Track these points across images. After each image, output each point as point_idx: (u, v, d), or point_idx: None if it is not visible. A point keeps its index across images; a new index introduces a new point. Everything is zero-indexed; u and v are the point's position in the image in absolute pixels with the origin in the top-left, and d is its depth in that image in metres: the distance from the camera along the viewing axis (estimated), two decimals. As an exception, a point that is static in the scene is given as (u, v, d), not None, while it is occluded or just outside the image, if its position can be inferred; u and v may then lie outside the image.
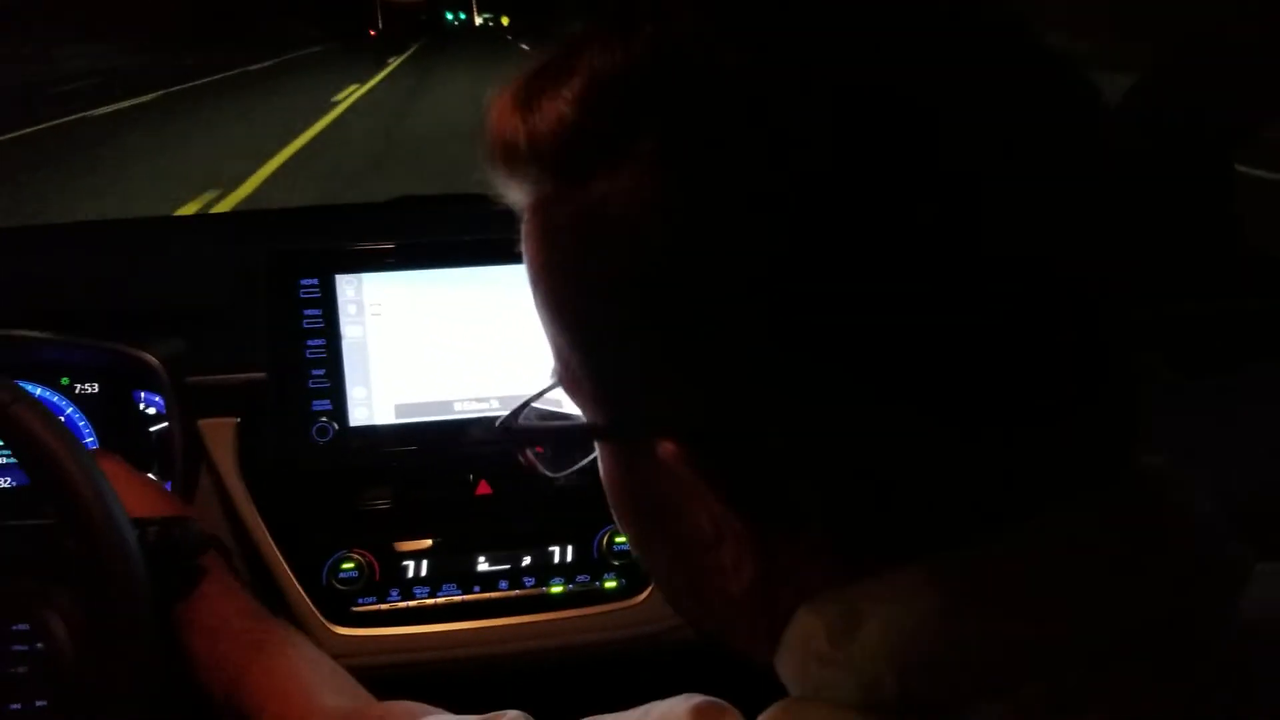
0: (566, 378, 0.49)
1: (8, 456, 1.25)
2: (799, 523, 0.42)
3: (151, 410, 1.24)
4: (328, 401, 1.12)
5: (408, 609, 1.10)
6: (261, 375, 1.14)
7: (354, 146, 9.76)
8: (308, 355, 1.11)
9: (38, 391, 1.25)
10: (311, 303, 1.11)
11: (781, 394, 0.39)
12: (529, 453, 0.59)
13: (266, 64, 22.49)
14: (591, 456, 0.56)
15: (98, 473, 0.83)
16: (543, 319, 0.48)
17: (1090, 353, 0.40)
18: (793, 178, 0.37)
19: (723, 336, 0.39)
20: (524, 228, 0.47)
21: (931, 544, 0.40)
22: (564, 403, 0.58)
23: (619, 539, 1.12)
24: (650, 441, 0.43)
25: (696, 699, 0.51)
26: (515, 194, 0.47)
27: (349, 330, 1.12)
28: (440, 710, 0.75)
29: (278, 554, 1.10)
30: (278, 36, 33.31)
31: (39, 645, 0.83)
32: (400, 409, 1.13)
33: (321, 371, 1.12)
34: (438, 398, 1.14)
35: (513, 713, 0.68)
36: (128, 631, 0.80)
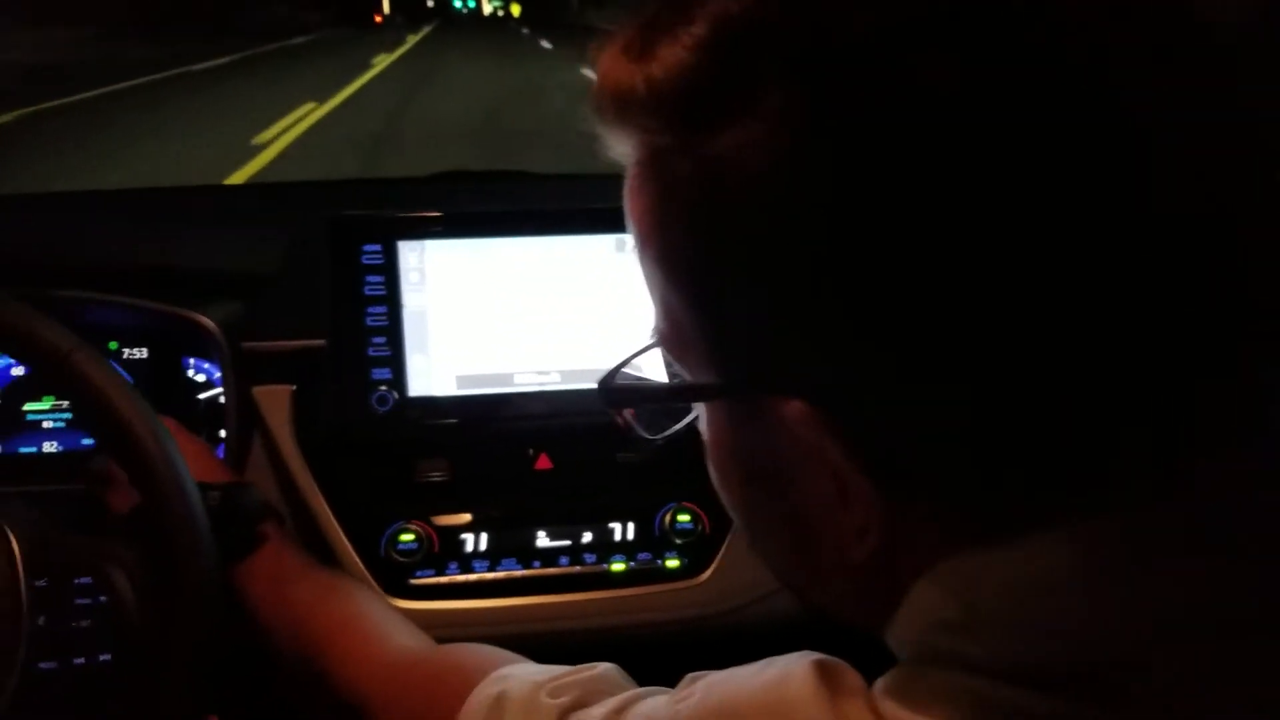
0: (673, 337, 0.48)
1: (54, 420, 1.24)
2: (932, 487, 0.42)
3: (200, 377, 1.23)
4: (387, 370, 1.10)
5: (466, 583, 1.09)
6: (317, 343, 1.12)
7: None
8: (369, 323, 1.10)
9: (85, 355, 1.24)
10: (374, 269, 1.09)
11: (921, 354, 0.38)
12: (626, 414, 0.57)
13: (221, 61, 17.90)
14: (688, 420, 0.55)
15: (161, 426, 0.82)
16: (651, 275, 0.47)
17: (1246, 314, 0.39)
18: (938, 137, 0.36)
19: (862, 296, 0.38)
20: (632, 181, 0.46)
21: (1072, 509, 0.39)
22: (650, 368, 0.57)
23: (681, 517, 1.11)
24: (773, 402, 0.42)
25: (816, 655, 0.50)
26: (623, 146, 0.46)
27: (410, 298, 1.10)
28: (519, 657, 0.73)
29: (335, 523, 1.08)
30: (266, 22, 31.73)
31: (102, 599, 0.82)
32: (460, 380, 1.12)
33: (382, 339, 1.10)
34: (498, 369, 1.12)
35: (605, 665, 0.67)
36: (193, 586, 0.79)
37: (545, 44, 24.40)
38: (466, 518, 1.11)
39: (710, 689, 0.51)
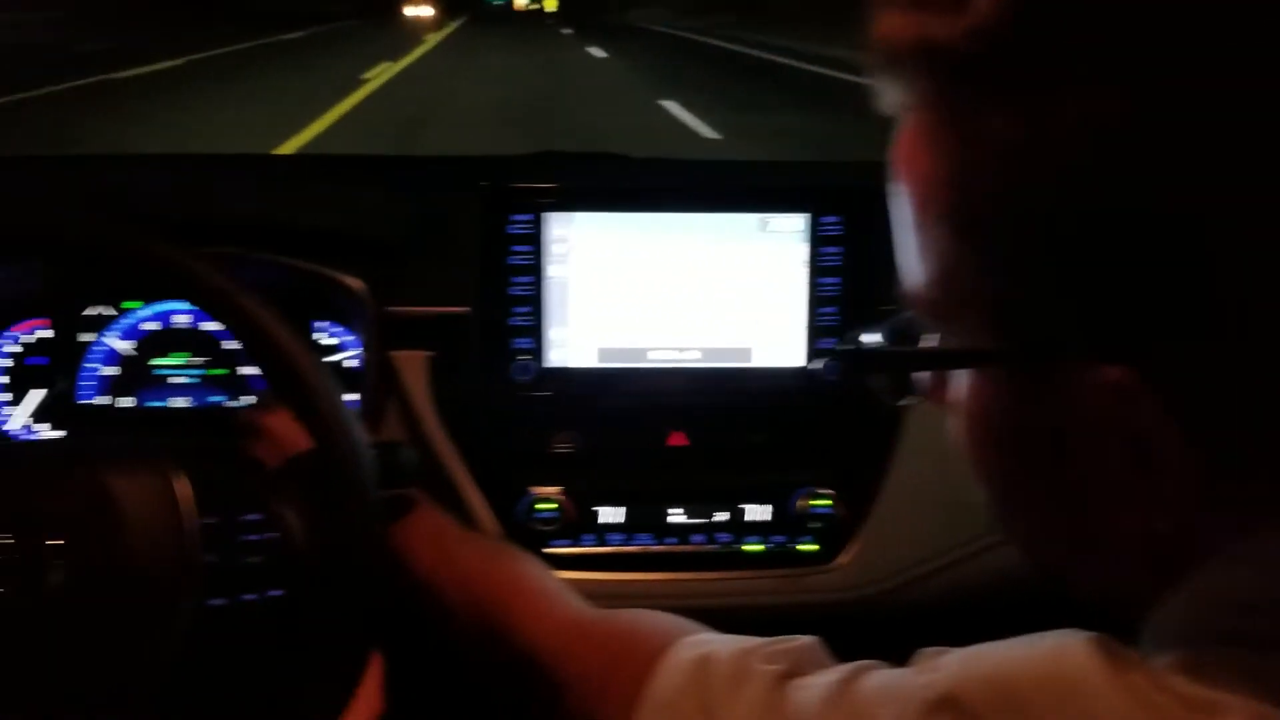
0: (946, 300, 0.47)
1: (183, 376, 1.26)
2: (1260, 459, 0.41)
3: (330, 340, 1.24)
4: (529, 340, 1.11)
5: (601, 554, 1.10)
6: (459, 309, 1.13)
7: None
8: (513, 292, 1.11)
9: (216, 315, 1.26)
10: (521, 239, 1.10)
11: (1248, 318, 0.38)
12: (873, 379, 0.57)
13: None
14: (930, 388, 0.54)
15: (328, 373, 0.82)
16: (927, 232, 0.46)
17: None
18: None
19: (1190, 259, 0.38)
20: (917, 135, 0.45)
21: None
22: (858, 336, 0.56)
23: (816, 501, 1.11)
24: (1074, 367, 0.41)
25: (1089, 634, 0.49)
26: (910, 96, 0.45)
27: (554, 270, 1.11)
28: (704, 626, 0.73)
29: (473, 491, 1.09)
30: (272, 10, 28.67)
31: (272, 535, 0.82)
32: (599, 353, 1.13)
33: (525, 309, 1.11)
34: (637, 344, 1.13)
35: (808, 637, 0.66)
36: (362, 523, 0.79)
37: (596, 50, 19.31)
38: (601, 490, 1.12)
39: (969, 662, 0.50)
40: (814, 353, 1.13)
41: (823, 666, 0.62)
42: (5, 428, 1.22)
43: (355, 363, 1.22)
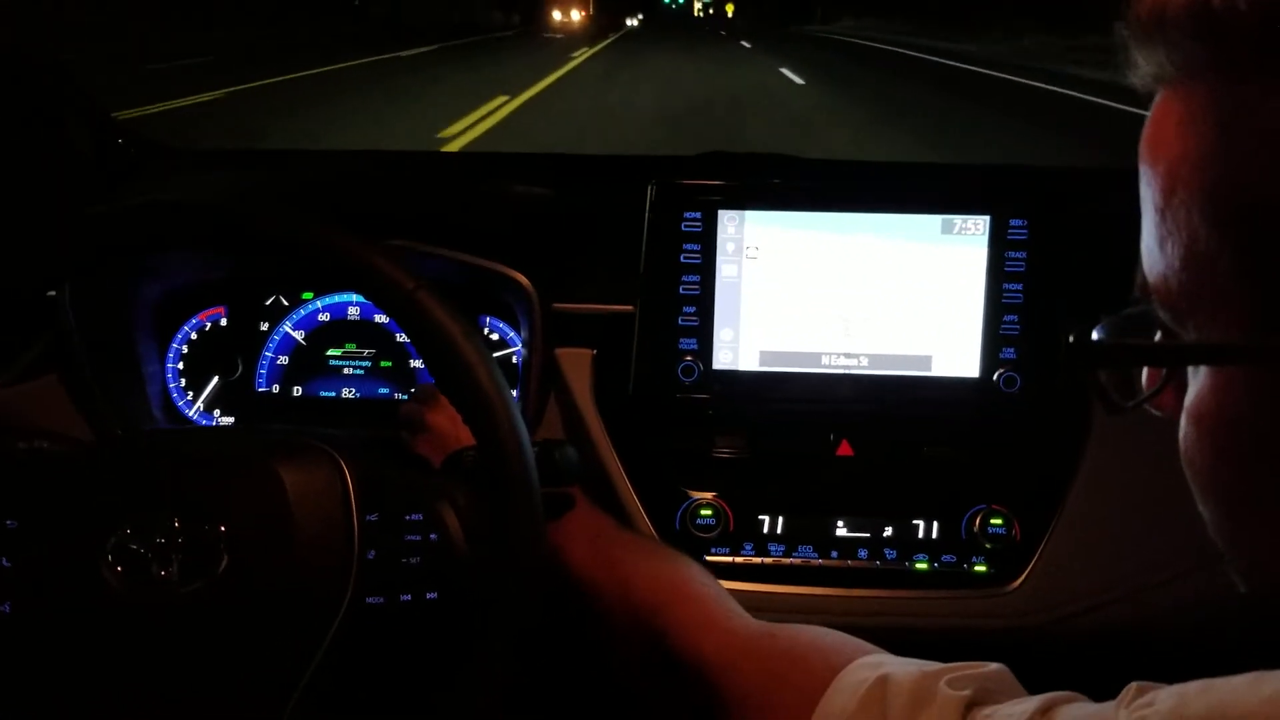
0: (1192, 290, 0.44)
1: (354, 367, 1.30)
2: None
3: (495, 336, 1.27)
4: (694, 341, 1.11)
5: (762, 565, 1.08)
6: (625, 308, 1.14)
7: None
8: (681, 291, 1.11)
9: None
10: (692, 237, 1.10)
11: None
12: (1101, 376, 0.54)
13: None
14: (1159, 387, 0.51)
15: (498, 369, 0.83)
16: (1174, 219, 0.43)
17: None
18: None
19: None
20: (1175, 113, 0.43)
21: None
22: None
23: (994, 520, 1.07)
24: None
25: None
26: (1160, 68, 0.43)
27: (724, 269, 1.10)
28: (876, 648, 0.71)
29: (632, 492, 1.09)
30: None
31: (432, 536, 0.83)
32: (765, 356, 1.11)
33: (693, 309, 1.11)
34: (805, 348, 1.11)
35: (996, 664, 0.64)
36: (525, 531, 0.80)
37: (793, 76, 15.16)
38: (763, 499, 1.11)
39: (1186, 699, 0.47)
40: (994, 363, 1.09)
41: (1012, 695, 0.60)
42: (184, 414, 1.29)
43: (518, 360, 1.24)
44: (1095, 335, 0.52)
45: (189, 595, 0.75)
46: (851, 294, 1.10)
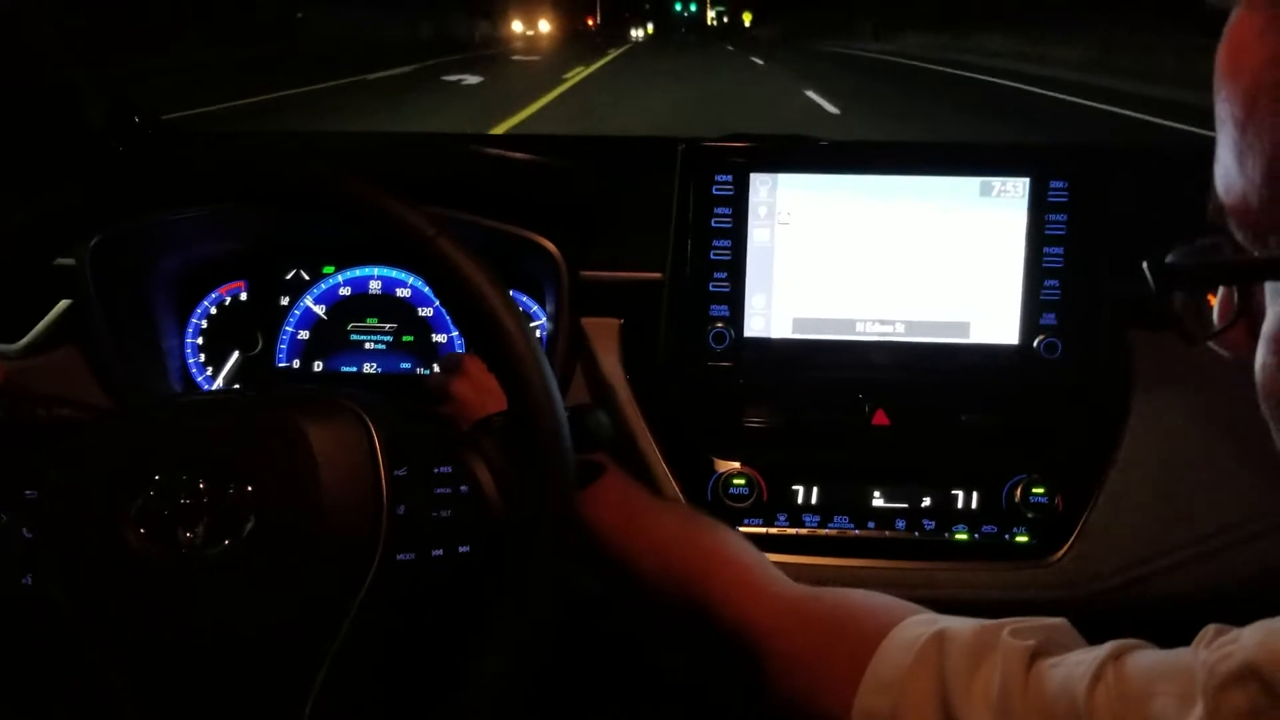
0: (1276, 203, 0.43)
1: (376, 341, 1.30)
2: None
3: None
4: (726, 307, 1.10)
5: (797, 536, 1.07)
6: (653, 275, 1.13)
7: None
8: (712, 257, 1.10)
9: (410, 280, 1.29)
10: (723, 200, 1.09)
11: None
12: (1178, 301, 0.53)
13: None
14: (1234, 317, 0.50)
15: (521, 313, 0.81)
16: (1258, 129, 0.43)
17: None
18: None
19: None
20: (1249, 19, 0.42)
21: None
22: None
23: (1035, 490, 1.06)
24: None
25: None
26: None
27: (756, 234, 1.09)
28: (922, 607, 0.70)
29: (663, 463, 1.08)
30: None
31: (463, 489, 0.82)
32: (798, 323, 1.10)
33: (724, 275, 1.10)
34: (839, 314, 1.10)
35: (1057, 618, 0.63)
36: (555, 484, 0.78)
37: (828, 108, 11.24)
38: (797, 468, 1.09)
39: (1274, 630, 0.47)
40: (1033, 329, 1.07)
41: (1074, 646, 0.60)
42: (204, 390, 1.28)
43: (543, 334, 1.23)
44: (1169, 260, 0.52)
45: (215, 557, 0.74)
46: (887, 259, 1.09)
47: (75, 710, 0.86)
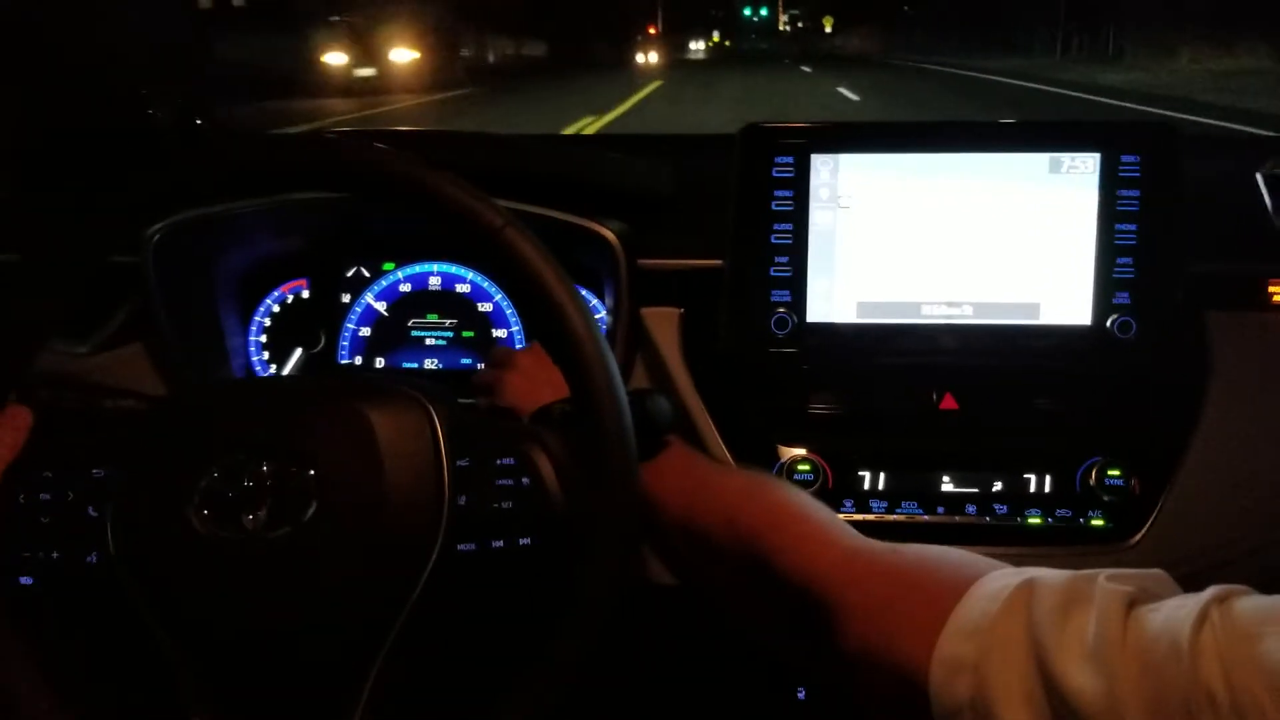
0: None
1: (437, 337, 1.32)
2: None
3: (579, 302, 1.27)
4: (787, 292, 1.10)
5: (864, 522, 1.07)
6: (712, 263, 1.14)
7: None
8: (773, 241, 1.10)
9: (469, 275, 1.32)
10: (784, 183, 1.10)
11: None
12: None
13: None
14: None
15: (586, 304, 0.82)
16: None
17: None
18: None
19: None
20: None
21: None
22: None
23: (1111, 472, 1.05)
24: None
25: None
26: None
27: (818, 217, 1.10)
28: (1001, 563, 0.69)
29: (725, 451, 1.09)
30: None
31: (524, 481, 0.84)
32: (863, 307, 1.10)
33: (785, 259, 1.10)
34: (905, 298, 1.10)
35: (1152, 569, 0.63)
36: (620, 474, 0.79)
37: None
38: (863, 454, 1.10)
39: None
40: (1106, 309, 1.07)
41: (1173, 594, 0.60)
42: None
43: (603, 326, 1.24)
44: None
45: (276, 540, 0.76)
46: (953, 240, 1.09)
47: (138, 687, 0.89)
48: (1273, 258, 1.13)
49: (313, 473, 0.78)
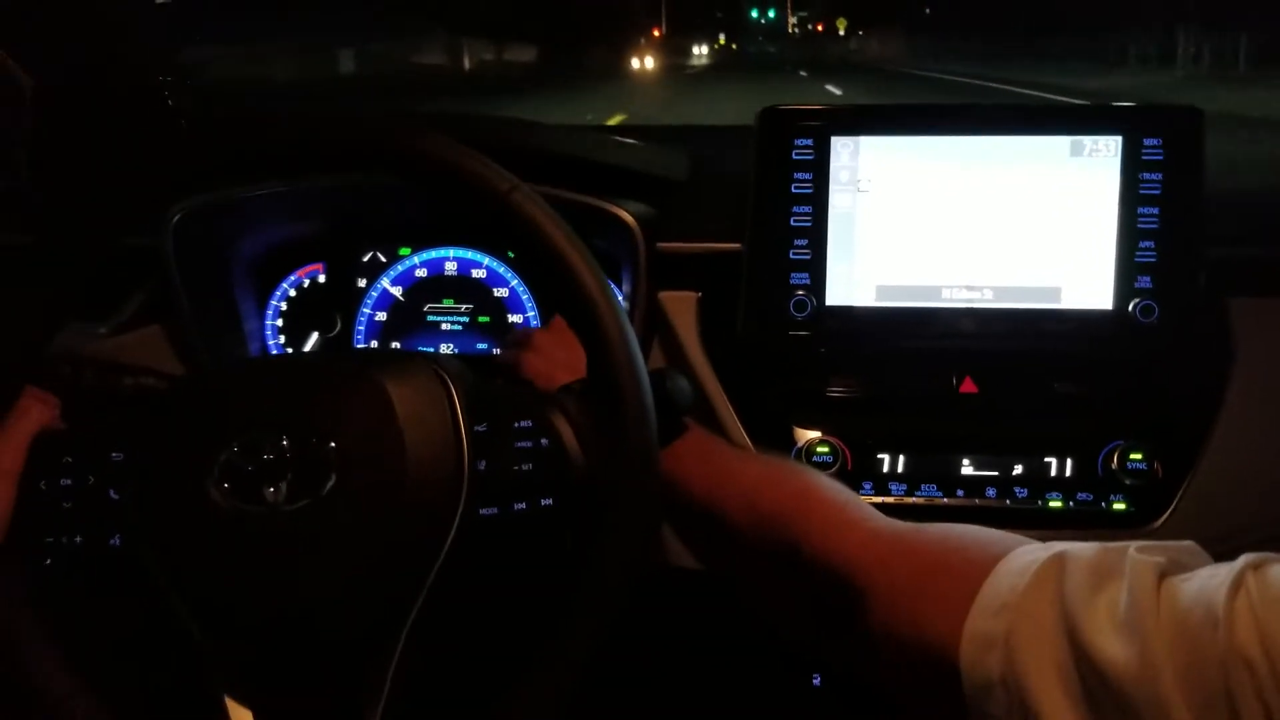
0: None
1: (452, 322, 1.33)
2: None
3: (596, 286, 1.28)
4: (806, 275, 1.11)
5: (883, 505, 1.06)
6: (731, 246, 1.14)
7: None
8: (792, 224, 1.11)
9: (485, 261, 1.32)
10: (803, 165, 1.10)
11: None
12: None
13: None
14: None
15: (599, 268, 0.83)
16: None
17: None
18: None
19: None
20: None
21: None
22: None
23: (1133, 455, 1.05)
24: None
25: None
26: None
27: (837, 199, 1.10)
28: (1029, 540, 0.69)
29: (744, 434, 1.10)
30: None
31: (543, 442, 0.84)
32: (882, 291, 1.11)
33: (804, 242, 1.11)
34: (925, 281, 1.10)
35: (1184, 541, 0.63)
36: (638, 440, 0.79)
37: None
38: (882, 437, 1.10)
39: None
40: (1128, 293, 1.07)
41: (1203, 564, 0.59)
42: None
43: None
44: None
45: (297, 513, 0.77)
46: (974, 223, 1.09)
47: (163, 670, 0.90)
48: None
49: (333, 445, 0.79)
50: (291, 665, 0.82)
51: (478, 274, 1.33)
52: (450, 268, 1.34)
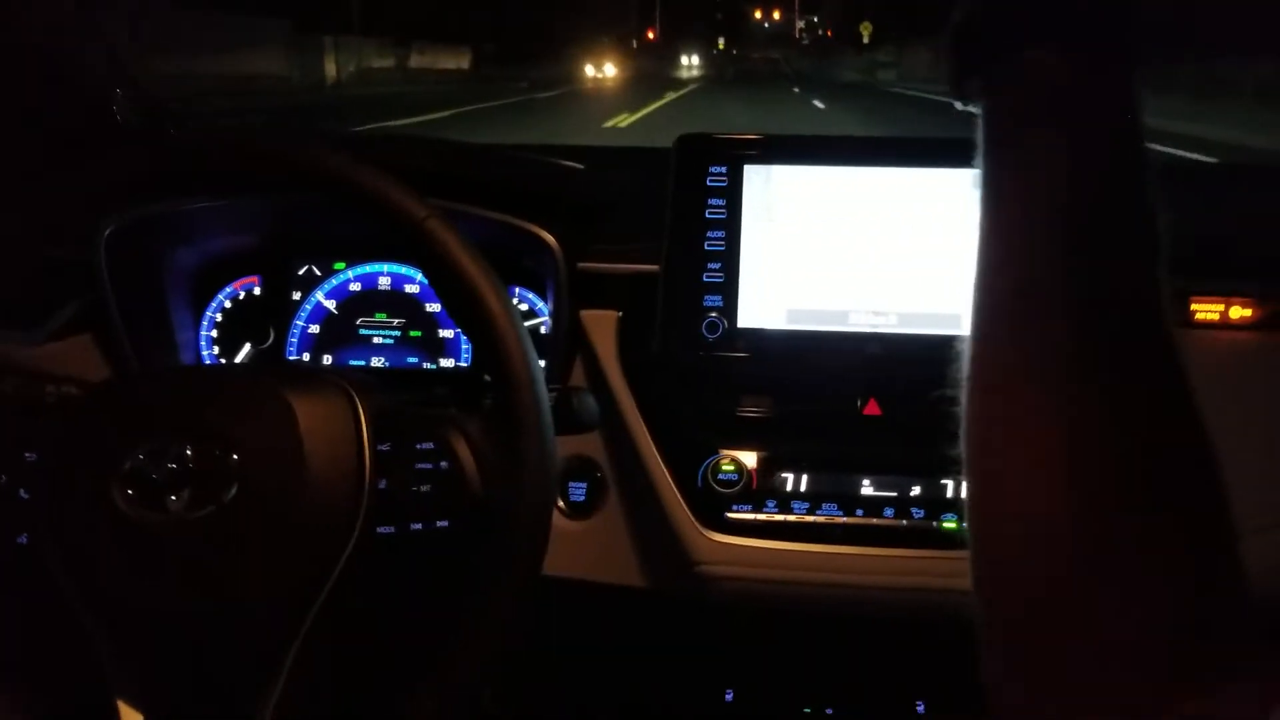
0: None
1: (384, 336, 1.38)
2: None
3: (524, 306, 1.34)
4: (719, 298, 1.17)
5: (785, 523, 1.13)
6: (649, 268, 1.20)
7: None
8: (706, 247, 1.16)
9: (418, 276, 1.38)
10: (717, 192, 1.16)
11: None
12: None
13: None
14: None
15: (509, 298, 0.88)
16: None
17: None
18: None
19: None
20: None
21: None
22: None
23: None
24: None
25: None
26: None
27: (750, 225, 1.16)
28: None
29: (655, 450, 1.15)
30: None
31: (443, 464, 0.89)
32: (792, 314, 1.16)
33: (718, 265, 1.16)
34: (833, 306, 1.16)
35: None
36: (538, 458, 0.84)
37: None
38: (787, 456, 1.16)
39: None
40: (1026, 321, 1.13)
41: None
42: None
43: (546, 330, 1.30)
44: None
45: (198, 521, 0.82)
46: (881, 251, 1.15)
47: (66, 667, 0.94)
48: (1195, 273, 1.19)
49: (235, 456, 0.84)
50: (185, 671, 0.87)
51: (411, 289, 1.38)
52: (384, 282, 1.39)
